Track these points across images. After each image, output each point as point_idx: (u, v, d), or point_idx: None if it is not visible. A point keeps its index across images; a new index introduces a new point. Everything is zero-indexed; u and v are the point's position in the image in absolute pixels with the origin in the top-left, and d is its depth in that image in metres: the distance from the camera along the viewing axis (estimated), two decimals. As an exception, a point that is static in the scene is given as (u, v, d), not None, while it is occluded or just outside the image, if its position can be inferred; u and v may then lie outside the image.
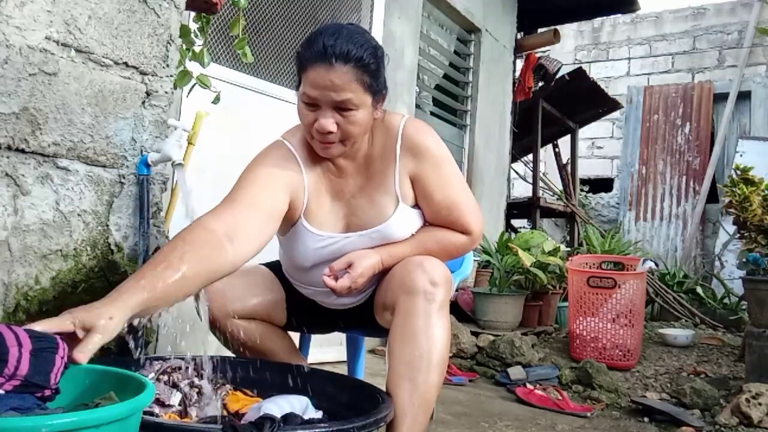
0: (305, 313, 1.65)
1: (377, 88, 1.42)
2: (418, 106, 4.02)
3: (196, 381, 1.30)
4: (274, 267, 1.67)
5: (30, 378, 0.87)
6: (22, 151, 1.25)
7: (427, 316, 1.35)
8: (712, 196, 6.99)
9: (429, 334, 1.35)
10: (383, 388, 1.36)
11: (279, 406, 1.22)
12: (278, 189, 1.41)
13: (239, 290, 1.53)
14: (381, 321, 1.54)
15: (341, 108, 1.36)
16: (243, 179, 1.41)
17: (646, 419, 2.58)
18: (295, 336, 1.74)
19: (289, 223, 1.49)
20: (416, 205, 1.54)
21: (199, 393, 1.28)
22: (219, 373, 1.38)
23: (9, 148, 1.22)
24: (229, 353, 1.56)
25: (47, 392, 0.89)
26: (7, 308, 1.23)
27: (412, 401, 1.32)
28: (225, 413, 1.29)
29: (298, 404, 1.26)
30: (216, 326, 1.52)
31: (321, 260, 1.51)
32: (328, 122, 1.37)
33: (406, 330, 1.35)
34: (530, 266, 3.55)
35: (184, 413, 1.25)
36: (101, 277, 1.40)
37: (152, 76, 1.50)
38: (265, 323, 1.59)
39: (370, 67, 1.38)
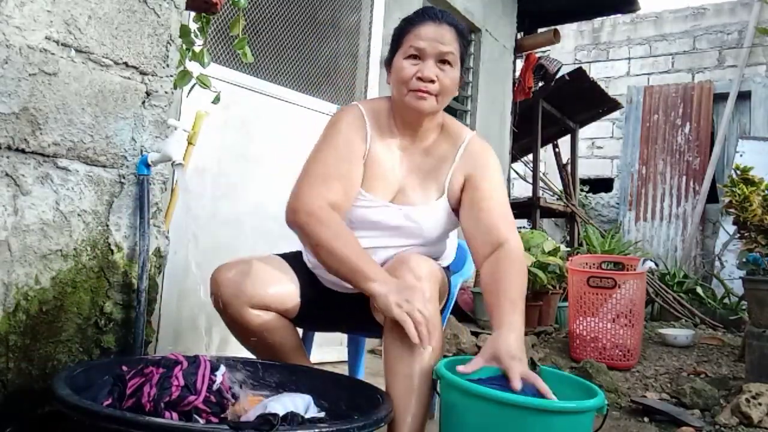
0: (317, 307, 1.63)
1: (461, 66, 1.59)
2: (418, 106, 4.01)
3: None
4: (289, 257, 1.66)
5: None
6: (22, 151, 1.25)
7: None
8: (712, 196, 6.99)
9: None
10: (383, 388, 1.36)
11: (283, 404, 1.22)
12: (357, 158, 1.57)
13: (256, 278, 1.52)
14: (378, 318, 1.54)
15: (443, 61, 1.53)
16: (326, 148, 1.55)
17: (646, 419, 2.58)
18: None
19: None
20: (455, 211, 1.61)
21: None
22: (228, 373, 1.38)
23: (9, 148, 1.22)
24: (228, 353, 1.56)
25: None
26: (7, 308, 1.23)
27: (408, 396, 1.33)
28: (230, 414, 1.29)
29: (302, 403, 1.26)
30: (229, 314, 1.51)
31: (362, 223, 1.58)
32: (432, 70, 1.52)
33: (396, 325, 1.34)
34: (530, 266, 3.55)
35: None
36: (101, 277, 1.40)
37: (152, 76, 1.50)
38: (278, 316, 1.57)
39: (466, 42, 1.59)
